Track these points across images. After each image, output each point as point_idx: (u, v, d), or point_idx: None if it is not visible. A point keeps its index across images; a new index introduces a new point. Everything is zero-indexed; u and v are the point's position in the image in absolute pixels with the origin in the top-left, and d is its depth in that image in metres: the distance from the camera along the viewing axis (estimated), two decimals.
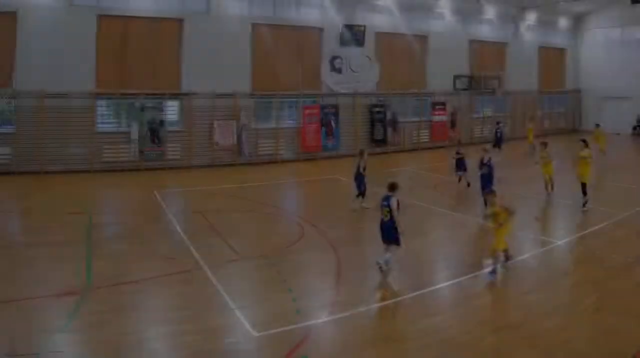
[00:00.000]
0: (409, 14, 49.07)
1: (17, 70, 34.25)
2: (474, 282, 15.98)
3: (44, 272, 16.43)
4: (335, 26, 44.86)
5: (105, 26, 36.78)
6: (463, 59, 52.98)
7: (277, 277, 16.23)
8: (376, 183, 25.58)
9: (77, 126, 35.45)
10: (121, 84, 37.32)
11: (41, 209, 25.34)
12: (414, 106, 50.23)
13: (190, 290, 15.18)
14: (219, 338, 12.43)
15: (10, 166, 33.98)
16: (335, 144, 44.52)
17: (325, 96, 44.79)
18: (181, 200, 28.91)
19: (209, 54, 39.33)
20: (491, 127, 53.83)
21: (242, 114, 40.07)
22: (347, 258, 18.06)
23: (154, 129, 37.37)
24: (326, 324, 13.18)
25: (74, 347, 11.94)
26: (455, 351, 11.78)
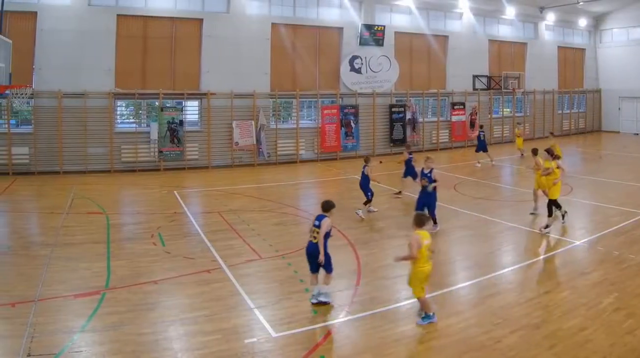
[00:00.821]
0: (428, 14, 48.37)
1: (35, 70, 33.90)
2: (493, 282, 15.74)
3: (63, 272, 16.16)
4: (354, 26, 44.11)
5: (124, 26, 36.31)
6: (482, 59, 52.00)
7: (295, 277, 16.04)
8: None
9: (96, 126, 35.02)
10: (140, 84, 36.89)
11: (60, 209, 24.74)
12: (433, 106, 49.61)
13: (209, 290, 14.91)
14: (238, 338, 12.19)
15: (29, 166, 33.69)
16: (354, 144, 43.80)
17: (345, 96, 44.12)
18: (200, 200, 28.45)
19: (228, 54, 38.89)
20: (510, 127, 53.85)
21: (261, 114, 39.40)
22: (366, 259, 17.85)
23: (173, 129, 36.80)
24: (344, 324, 13.01)
25: (94, 346, 11.71)
26: (475, 351, 11.55)
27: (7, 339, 11.82)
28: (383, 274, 16.39)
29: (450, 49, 49.69)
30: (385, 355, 11.49)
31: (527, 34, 56.28)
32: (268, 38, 40.68)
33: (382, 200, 27.27)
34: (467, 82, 50.78)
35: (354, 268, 16.99)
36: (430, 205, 20.70)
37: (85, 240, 19.77)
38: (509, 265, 17.26)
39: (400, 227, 21.79)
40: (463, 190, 29.76)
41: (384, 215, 24.35)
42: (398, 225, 22.20)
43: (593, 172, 35.28)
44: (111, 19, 35.65)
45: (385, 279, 16.02)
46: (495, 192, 29.98)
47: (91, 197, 27.56)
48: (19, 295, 14.16)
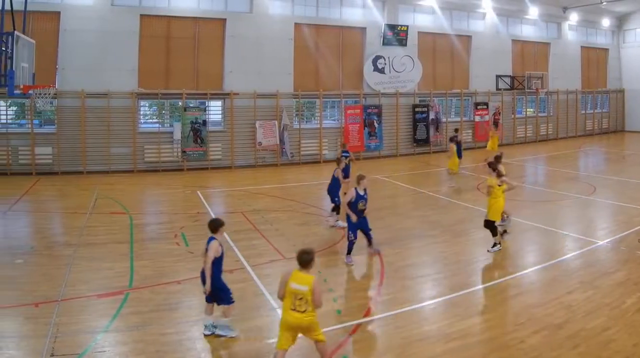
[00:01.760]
0: (451, 14, 47.46)
1: (59, 70, 33.47)
2: (516, 282, 15.51)
3: (87, 272, 16.03)
4: (377, 26, 43.35)
5: (148, 26, 35.80)
6: (506, 59, 50.87)
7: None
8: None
9: (119, 126, 34.59)
10: (163, 84, 36.32)
11: (83, 209, 24.38)
12: (456, 106, 48.67)
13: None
14: (261, 338, 12.12)
15: (52, 166, 33.29)
16: (378, 144, 43.08)
17: (368, 96, 43.37)
18: (223, 200, 28.04)
19: (251, 54, 38.31)
20: (533, 127, 52.99)
21: (284, 114, 38.78)
22: (389, 259, 17.55)
23: (196, 129, 36.24)
24: (367, 324, 12.85)
25: (117, 346, 11.60)
26: (498, 351, 11.39)
27: (31, 339, 11.67)
28: (406, 274, 16.21)
29: (474, 49, 48.65)
30: (408, 355, 11.34)
31: (550, 34, 55.05)
32: (291, 38, 40.02)
33: (405, 200, 27.26)
34: (490, 82, 49.69)
35: (377, 268, 16.75)
36: (366, 229, 17.95)
37: (108, 240, 19.55)
38: (531, 266, 17.00)
39: (425, 226, 21.62)
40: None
41: (408, 215, 24.02)
42: (423, 225, 21.91)
43: (616, 172, 34.55)
44: (134, 19, 35.14)
45: (408, 279, 15.84)
46: (517, 192, 28.48)
47: (114, 197, 27.23)
48: (42, 295, 13.97)
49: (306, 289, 9.95)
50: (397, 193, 29.05)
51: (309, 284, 9.98)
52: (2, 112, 33.43)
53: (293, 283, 10.05)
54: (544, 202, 26.24)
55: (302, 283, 10.01)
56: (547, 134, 54.20)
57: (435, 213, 24.08)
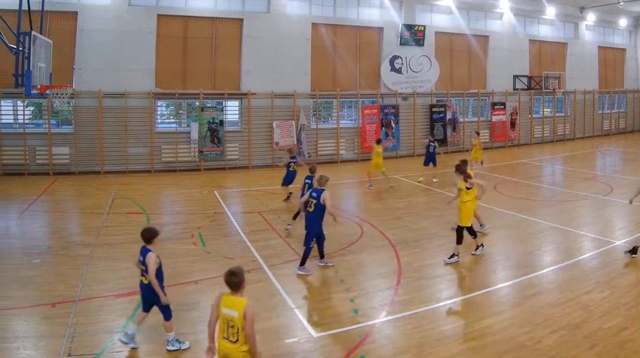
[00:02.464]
0: (468, 14, 46.73)
1: (76, 70, 33.13)
2: (533, 282, 15.29)
3: (104, 272, 15.89)
4: (395, 26, 42.69)
5: (165, 26, 35.36)
6: (523, 59, 50.06)
7: (336, 277, 15.76)
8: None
9: (136, 126, 34.24)
10: (180, 84, 35.91)
11: (100, 209, 24.18)
12: (474, 106, 47.96)
13: (249, 290, 13.36)
14: (278, 338, 11.96)
15: (70, 166, 32.97)
16: (395, 145, 42.43)
17: (385, 96, 42.80)
18: (240, 200, 27.73)
19: (269, 53, 37.81)
20: (550, 127, 52.26)
21: (302, 114, 38.34)
22: (406, 258, 17.41)
23: (213, 129, 35.83)
24: (384, 324, 12.72)
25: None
26: (515, 351, 11.25)
27: (48, 339, 11.60)
28: (423, 274, 16.06)
29: (491, 49, 47.86)
30: (425, 355, 11.19)
31: (567, 34, 54.13)
32: (308, 38, 39.49)
33: (422, 201, 26.69)
34: (508, 82, 48.93)
35: (395, 268, 16.54)
36: (320, 237, 16.80)
37: (125, 240, 19.32)
38: (549, 265, 16.81)
39: (442, 226, 21.30)
40: (503, 190, 28.80)
41: (425, 215, 23.65)
42: (440, 225, 21.59)
43: (633, 172, 33.67)
44: (151, 19, 34.73)
45: (426, 279, 15.70)
46: (535, 191, 29.19)
47: (131, 197, 26.95)
48: (59, 295, 13.88)
49: (236, 315, 8.50)
50: (413, 193, 28.58)
51: (240, 310, 8.51)
52: (20, 112, 33.05)
53: (224, 309, 8.65)
54: (561, 202, 25.95)
55: (232, 308, 8.57)
56: (564, 134, 53.30)
57: (453, 213, 22.84)
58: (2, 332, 11.88)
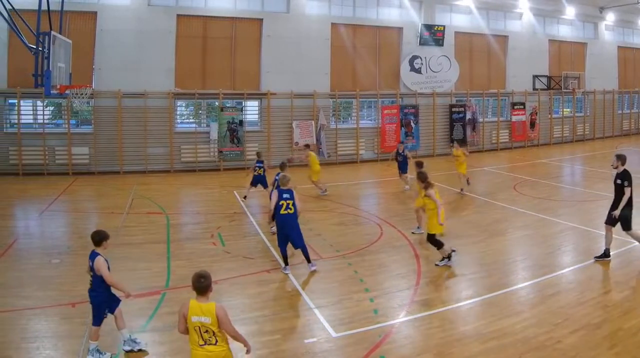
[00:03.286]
0: (488, 14, 45.80)
1: (95, 70, 32.80)
2: (553, 282, 14.97)
3: (123, 272, 15.10)
4: (414, 26, 41.90)
5: (184, 26, 34.87)
6: (542, 59, 49.04)
7: (355, 277, 15.44)
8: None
9: (156, 126, 33.81)
10: (200, 84, 35.40)
11: (120, 209, 23.88)
12: (493, 106, 47.05)
13: (269, 290, 14.55)
14: (297, 338, 11.81)
15: (89, 166, 32.58)
16: (415, 144, 41.54)
17: (405, 96, 42.09)
18: (260, 200, 26.83)
19: (288, 53, 37.22)
20: (569, 127, 51.17)
21: (321, 114, 37.66)
22: (426, 258, 17.06)
23: (233, 129, 35.29)
24: (404, 324, 12.46)
25: (154, 346, 11.31)
26: (535, 351, 10.96)
27: (67, 339, 11.45)
28: (443, 274, 15.77)
29: (510, 49, 46.86)
30: (445, 354, 10.97)
31: (587, 34, 52.90)
32: (328, 38, 38.80)
33: (443, 200, 25.51)
34: (527, 82, 47.99)
35: (414, 268, 16.23)
36: (294, 238, 15.95)
37: (145, 240, 19.19)
38: (569, 265, 16.46)
39: (462, 226, 20.92)
40: (523, 190, 28.33)
41: (446, 215, 22.78)
42: (461, 225, 21.12)
43: None
44: (171, 19, 34.25)
45: (446, 279, 15.46)
46: (555, 191, 28.36)
47: (151, 197, 26.60)
48: (79, 295, 13.31)
49: (209, 321, 8.16)
50: None
51: (211, 314, 8.16)
52: (39, 112, 32.78)
53: (193, 317, 8.18)
54: (580, 202, 25.38)
55: (203, 315, 8.18)
56: (584, 134, 52.14)
57: (472, 213, 23.51)
58: (22, 332, 11.74)
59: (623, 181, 15.66)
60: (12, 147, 31.71)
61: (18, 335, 11.62)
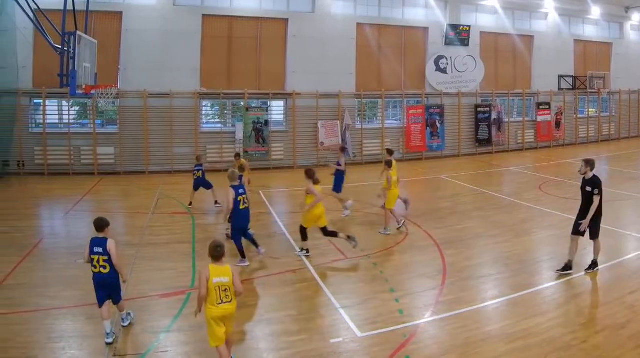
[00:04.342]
0: (513, 14, 44.44)
1: (121, 70, 32.15)
2: (578, 282, 14.74)
3: (149, 272, 15.52)
4: (440, 26, 40.76)
5: (210, 26, 34.08)
6: (568, 59, 47.60)
7: (381, 277, 15.22)
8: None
9: (181, 126, 33.10)
10: (225, 84, 34.55)
11: (145, 209, 23.55)
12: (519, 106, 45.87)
13: (294, 290, 14.42)
14: (323, 338, 11.62)
15: (115, 166, 31.91)
16: (440, 144, 40.59)
17: (430, 96, 41.02)
18: (285, 200, 26.89)
19: (314, 53, 36.26)
20: (595, 127, 49.76)
21: (347, 114, 36.65)
22: (451, 258, 16.76)
23: (258, 129, 34.44)
24: (429, 324, 12.29)
25: (179, 346, 11.25)
26: (560, 351, 10.78)
27: (94, 339, 11.32)
28: (469, 274, 15.44)
29: (536, 49, 45.48)
30: (471, 355, 10.78)
31: (612, 34, 51.14)
32: (353, 38, 37.75)
33: (467, 200, 25.96)
34: (553, 82, 46.56)
35: (440, 268, 15.93)
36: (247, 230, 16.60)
37: (170, 240, 18.95)
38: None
39: (487, 226, 20.69)
40: (548, 190, 27.66)
41: (470, 215, 22.79)
42: (485, 225, 20.94)
43: None
44: (196, 19, 33.49)
45: (471, 279, 15.07)
46: (579, 192, 27.71)
47: (177, 197, 26.07)
48: None
49: (227, 280, 9.69)
50: (459, 193, 27.65)
51: (229, 274, 9.73)
52: (65, 112, 32.21)
53: (215, 278, 9.64)
54: (605, 202, 24.04)
55: (222, 276, 9.69)
56: (609, 134, 50.46)
57: (498, 213, 22.98)
58: (48, 332, 11.58)
59: (593, 189, 14.74)
60: (37, 147, 31.20)
61: (44, 335, 11.45)
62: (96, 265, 11.27)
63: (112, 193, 28.03)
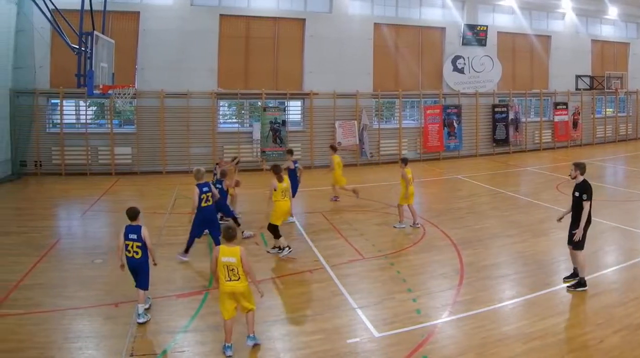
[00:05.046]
0: (531, 14, 43.50)
1: (138, 70, 31.61)
2: (595, 282, 14.34)
3: (166, 272, 15.24)
4: (457, 26, 39.93)
5: (227, 26, 33.43)
6: (585, 59, 46.56)
7: (398, 277, 15.04)
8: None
9: (199, 126, 32.48)
10: (243, 84, 33.93)
11: (163, 209, 23.23)
12: (536, 106, 45.04)
13: (311, 290, 14.36)
14: (340, 338, 11.52)
15: (132, 166, 31.37)
16: (457, 144, 39.77)
17: (447, 96, 40.26)
18: (302, 200, 25.84)
19: (331, 54, 35.53)
20: (612, 127, 48.67)
21: (364, 114, 35.95)
22: (469, 258, 16.58)
23: (275, 129, 33.77)
24: (447, 324, 12.17)
25: (196, 346, 11.15)
26: (577, 351, 10.70)
27: (110, 339, 11.29)
28: (486, 274, 15.27)
29: (553, 49, 44.49)
30: (488, 355, 10.67)
31: (629, 34, 49.89)
32: (370, 38, 36.96)
33: (484, 200, 25.52)
34: (570, 82, 45.49)
35: (457, 268, 15.78)
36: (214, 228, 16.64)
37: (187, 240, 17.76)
38: (611, 265, 15.93)
39: (504, 226, 20.48)
40: (565, 190, 26.02)
41: (487, 215, 22.56)
42: (502, 225, 20.72)
43: None
44: (214, 19, 32.87)
45: (489, 279, 14.89)
46: (597, 191, 26.44)
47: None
48: (122, 295, 13.43)
49: (235, 260, 10.47)
50: (476, 193, 27.26)
51: (237, 255, 10.49)
52: (82, 112, 31.68)
53: (223, 258, 10.50)
54: (623, 202, 24.46)
55: (230, 256, 10.50)
56: (627, 134, 49.30)
57: (515, 213, 22.70)
58: (65, 332, 11.49)
59: (581, 194, 13.80)
60: (54, 147, 30.68)
61: (61, 335, 11.36)
62: (130, 250, 12.03)
63: (129, 194, 27.54)
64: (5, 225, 20.41)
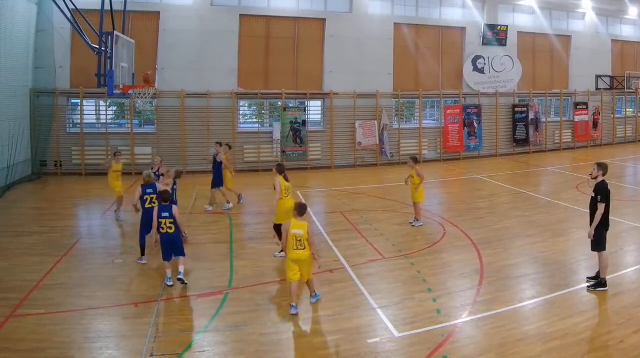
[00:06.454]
0: (551, 14, 41.99)
1: (158, 70, 30.65)
2: (616, 282, 14.01)
3: (186, 272, 14.65)
4: (477, 26, 38.53)
5: (247, 26, 32.40)
6: (605, 59, 45.08)
7: (418, 277, 14.80)
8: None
9: (219, 126, 31.45)
10: (263, 84, 32.90)
11: (183, 209, 21.35)
12: (556, 106, 43.65)
13: (332, 290, 13.97)
14: (360, 338, 11.26)
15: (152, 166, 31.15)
16: (477, 144, 38.43)
17: (468, 96, 39.05)
18: (323, 200, 25.71)
19: (351, 54, 34.42)
20: (633, 127, 47.17)
21: (384, 114, 34.70)
22: (489, 258, 16.28)
23: (296, 129, 32.72)
24: (467, 324, 11.87)
25: (216, 347, 10.92)
26: (598, 351, 10.42)
27: (131, 339, 11.14)
28: (506, 274, 14.98)
29: (573, 49, 42.96)
30: (508, 355, 10.41)
31: None
32: (391, 38, 35.74)
33: (504, 200, 25.11)
34: (590, 82, 44.02)
35: (477, 268, 15.50)
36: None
37: (207, 240, 18.51)
38: (632, 265, 15.51)
39: (524, 226, 19.99)
40: (586, 190, 24.93)
41: (507, 215, 21.99)
42: (522, 225, 20.23)
43: None
44: (234, 19, 31.86)
45: (509, 279, 14.59)
46: (618, 191, 25.41)
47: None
48: (142, 295, 13.43)
49: (302, 233, 11.94)
50: (496, 193, 26.66)
51: (304, 228, 11.96)
52: (102, 112, 30.88)
53: (293, 230, 11.98)
54: None
55: (299, 229, 11.99)
56: None
57: (535, 213, 22.18)
58: (85, 332, 11.39)
59: (597, 195, 13.35)
60: (75, 147, 29.84)
61: (81, 335, 11.25)
62: (164, 227, 13.59)
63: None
64: (25, 225, 20.05)
